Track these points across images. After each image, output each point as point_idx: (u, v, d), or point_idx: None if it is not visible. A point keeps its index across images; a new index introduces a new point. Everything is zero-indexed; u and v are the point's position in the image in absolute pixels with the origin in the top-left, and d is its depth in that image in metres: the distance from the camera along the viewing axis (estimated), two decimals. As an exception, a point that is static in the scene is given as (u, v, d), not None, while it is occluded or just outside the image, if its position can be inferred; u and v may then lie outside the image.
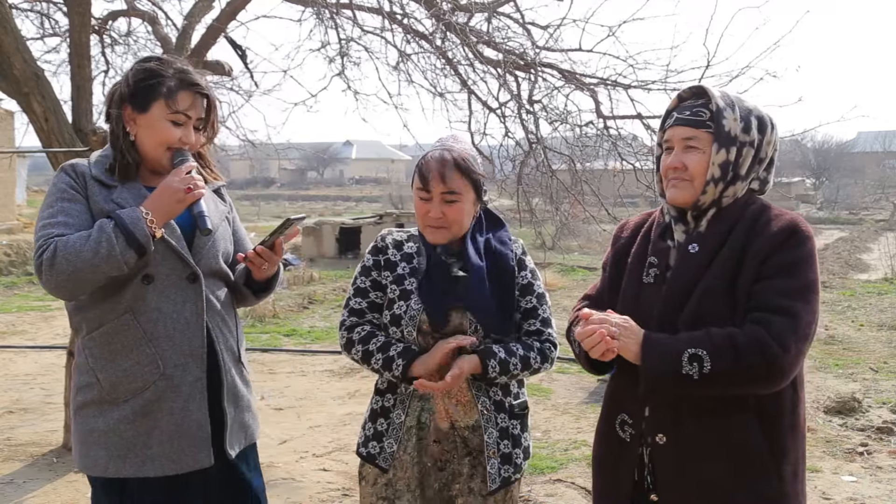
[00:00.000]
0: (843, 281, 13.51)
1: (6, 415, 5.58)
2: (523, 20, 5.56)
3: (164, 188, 2.05)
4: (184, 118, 2.12)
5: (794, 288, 1.80)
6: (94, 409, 2.08)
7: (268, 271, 2.21)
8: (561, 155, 5.74)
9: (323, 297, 11.09)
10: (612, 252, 2.14)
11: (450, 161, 2.15)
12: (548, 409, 5.76)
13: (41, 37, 6.18)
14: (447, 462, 2.21)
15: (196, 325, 2.11)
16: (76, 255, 1.94)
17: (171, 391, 2.07)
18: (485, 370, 2.13)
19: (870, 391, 6.29)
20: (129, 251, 1.97)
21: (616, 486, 2.00)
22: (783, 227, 1.86)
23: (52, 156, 4.48)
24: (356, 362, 2.26)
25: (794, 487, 1.89)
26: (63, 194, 2.07)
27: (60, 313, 9.68)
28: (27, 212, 20.14)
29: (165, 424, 2.07)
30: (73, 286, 1.98)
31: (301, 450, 4.90)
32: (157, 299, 2.07)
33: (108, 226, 1.97)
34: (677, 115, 1.95)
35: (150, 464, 2.06)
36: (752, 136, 1.91)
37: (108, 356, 2.07)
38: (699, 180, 1.90)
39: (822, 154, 47.86)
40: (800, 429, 1.92)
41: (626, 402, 1.99)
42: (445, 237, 2.21)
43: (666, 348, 1.81)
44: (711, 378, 1.77)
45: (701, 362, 1.77)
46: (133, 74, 2.12)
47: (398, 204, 25.16)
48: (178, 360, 2.08)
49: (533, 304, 2.25)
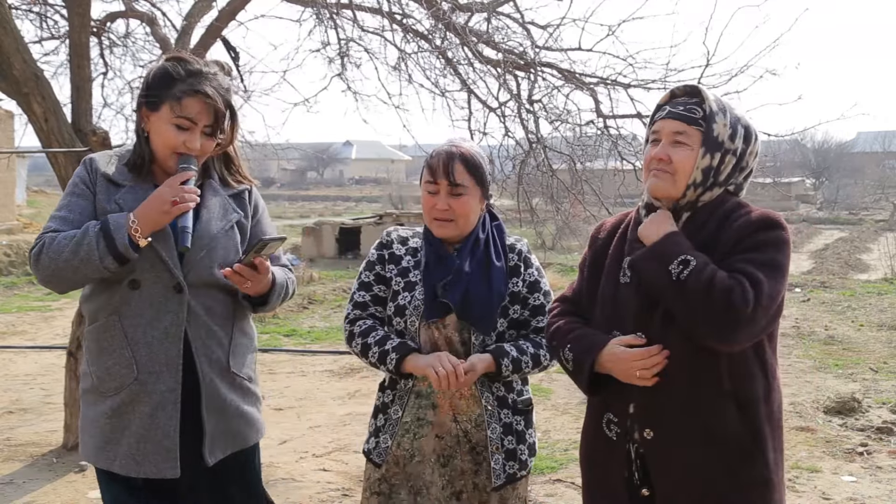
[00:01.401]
0: (843, 281, 13.51)
1: (6, 415, 5.58)
2: (523, 20, 5.56)
3: (154, 197, 2.04)
4: (188, 123, 2.09)
5: (760, 260, 1.83)
6: (89, 397, 2.17)
7: (255, 289, 2.16)
8: (561, 154, 5.74)
9: (323, 297, 11.08)
10: (590, 253, 2.15)
11: (457, 156, 2.21)
12: (548, 409, 5.76)
13: (39, 40, 6.18)
14: (449, 458, 2.22)
15: (174, 336, 2.11)
16: (57, 254, 2.00)
17: (143, 395, 2.09)
18: (498, 369, 2.16)
19: (870, 391, 6.28)
20: (108, 257, 1.99)
21: (608, 484, 2.03)
22: (755, 219, 1.89)
23: (51, 156, 4.48)
24: (357, 355, 2.28)
25: (776, 475, 1.93)
26: (75, 188, 2.12)
27: (60, 313, 9.68)
28: (27, 212, 20.14)
29: (135, 427, 2.09)
30: (56, 282, 2.06)
31: (301, 450, 4.90)
32: (141, 305, 2.09)
33: (93, 229, 2.00)
34: (670, 108, 1.97)
35: (118, 462, 2.10)
36: (736, 144, 1.93)
37: (97, 350, 2.13)
38: (681, 175, 1.92)
39: (822, 154, 47.83)
40: (775, 418, 1.95)
41: (610, 402, 2.01)
42: (452, 231, 2.23)
43: (677, 244, 1.86)
44: (680, 287, 1.80)
45: (686, 267, 1.81)
46: (151, 72, 2.14)
47: (398, 204, 25.17)
48: (153, 368, 2.09)
49: (541, 302, 2.29)
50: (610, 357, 1.92)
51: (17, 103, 4.61)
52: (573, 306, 2.13)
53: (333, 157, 61.08)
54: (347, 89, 5.78)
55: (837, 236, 23.33)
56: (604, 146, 5.78)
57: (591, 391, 2.02)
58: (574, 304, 2.14)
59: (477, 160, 2.23)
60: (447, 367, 2.10)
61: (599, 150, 5.96)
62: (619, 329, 1.96)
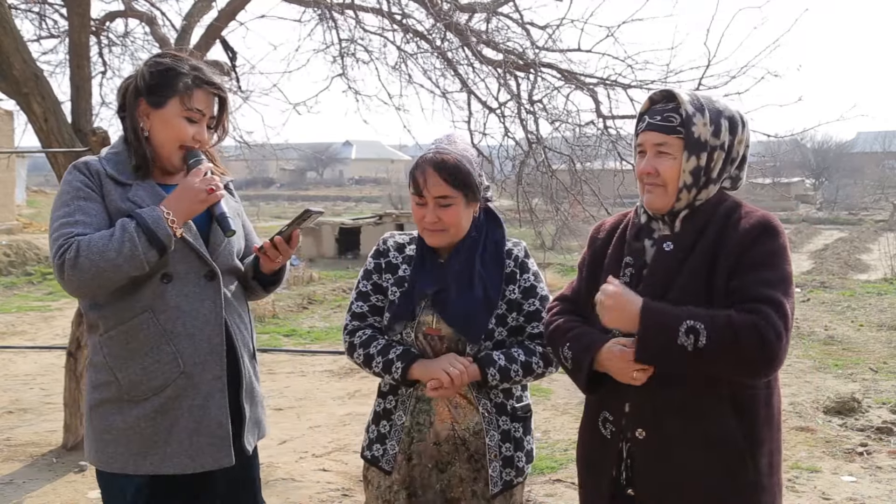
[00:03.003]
0: (843, 281, 13.51)
1: (6, 415, 5.58)
2: (522, 20, 5.56)
3: (186, 188, 2.05)
4: (198, 115, 2.11)
5: (775, 279, 1.82)
6: (112, 406, 2.08)
7: (282, 261, 2.23)
8: (561, 155, 5.74)
9: (322, 297, 11.08)
10: (590, 253, 2.15)
11: (440, 167, 2.13)
12: (547, 409, 5.76)
13: (38, 38, 6.18)
14: (448, 464, 2.21)
15: (215, 323, 2.12)
16: (100, 254, 1.93)
17: (190, 389, 2.07)
18: (484, 379, 2.14)
19: (869, 391, 6.29)
20: (152, 250, 1.97)
21: (598, 483, 2.03)
22: (754, 224, 1.89)
23: (51, 156, 4.48)
24: (359, 366, 2.26)
25: (770, 479, 1.92)
26: (79, 192, 2.05)
27: (60, 313, 9.68)
28: (26, 212, 20.14)
29: (185, 422, 2.07)
30: (96, 286, 1.98)
31: (301, 450, 4.90)
32: (177, 298, 2.08)
33: (129, 225, 1.97)
34: (649, 119, 1.97)
35: (169, 461, 2.06)
36: (722, 138, 1.92)
37: (126, 354, 2.06)
38: (672, 185, 1.93)
39: (822, 154, 47.82)
40: (775, 421, 1.95)
41: (607, 400, 2.01)
42: (445, 239, 2.20)
43: (664, 316, 1.81)
44: (704, 354, 1.77)
45: (697, 336, 1.77)
46: (149, 68, 2.12)
47: (398, 204, 25.14)
48: (198, 358, 2.08)
49: (536, 307, 2.23)
50: (608, 356, 1.92)
51: (16, 103, 4.61)
52: (572, 305, 2.13)
53: (333, 158, 61.06)
54: (348, 89, 5.78)
55: (837, 236, 23.34)
56: (603, 147, 5.78)
57: (589, 390, 2.02)
58: (573, 303, 2.14)
59: (461, 166, 2.14)
60: (459, 368, 2.10)
61: (599, 151, 5.96)
62: (618, 329, 1.95)
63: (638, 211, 2.06)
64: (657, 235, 1.99)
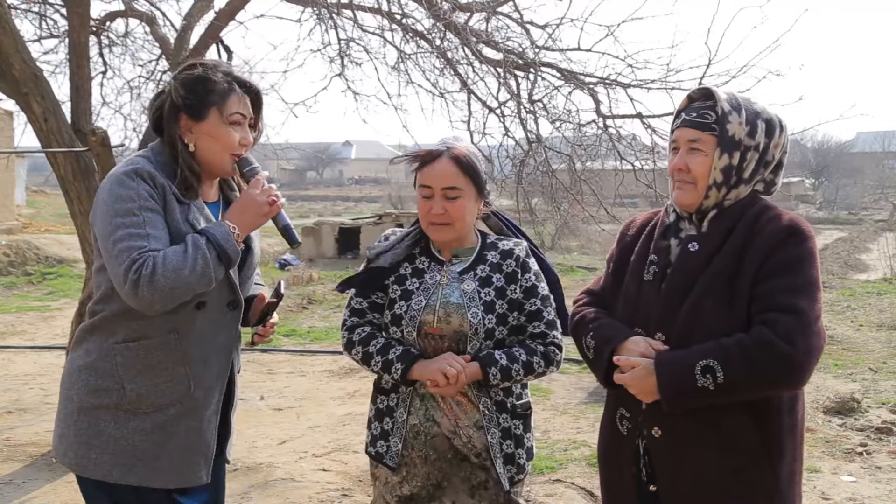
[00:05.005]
0: (843, 281, 13.51)
1: (5, 415, 5.58)
2: (522, 19, 5.56)
3: (248, 202, 2.02)
4: (241, 118, 2.07)
5: (797, 285, 1.81)
6: (107, 413, 2.03)
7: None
8: (561, 154, 5.74)
9: (322, 297, 11.07)
10: (618, 249, 2.15)
11: (451, 157, 2.18)
12: (547, 409, 5.75)
13: (38, 38, 6.18)
14: (451, 462, 2.22)
15: (226, 351, 2.13)
16: (176, 272, 1.88)
17: (193, 411, 2.07)
18: (486, 378, 2.14)
19: (869, 391, 6.28)
20: (220, 267, 1.96)
21: (618, 479, 2.04)
22: (783, 227, 1.87)
23: (51, 156, 4.48)
24: (357, 363, 2.26)
25: (791, 489, 1.91)
26: (147, 203, 1.95)
27: (60, 313, 9.68)
28: (26, 212, 20.14)
29: (180, 441, 2.06)
30: (167, 302, 1.91)
31: (300, 450, 4.90)
32: (203, 324, 2.06)
33: (201, 242, 1.93)
34: (685, 115, 1.96)
35: (156, 475, 2.04)
36: (757, 139, 1.91)
37: (141, 368, 2.02)
38: (702, 183, 1.92)
39: (822, 154, 47.82)
40: (798, 430, 1.94)
41: (625, 397, 2.00)
42: (450, 234, 2.22)
43: (677, 365, 1.82)
44: (727, 386, 1.78)
45: (714, 373, 1.78)
46: (182, 83, 2.05)
47: (397, 204, 25.17)
48: (207, 383, 2.09)
49: (537, 307, 2.24)
50: (627, 352, 1.92)
51: (16, 103, 4.61)
52: (598, 299, 2.15)
53: (333, 157, 61.08)
54: (347, 89, 5.78)
55: (837, 236, 23.35)
56: (603, 146, 5.79)
57: (608, 383, 2.01)
58: (599, 297, 2.16)
59: (471, 160, 2.20)
60: (457, 367, 2.10)
61: (599, 151, 5.96)
62: (641, 327, 1.96)
63: (668, 209, 2.05)
64: (684, 235, 1.98)
